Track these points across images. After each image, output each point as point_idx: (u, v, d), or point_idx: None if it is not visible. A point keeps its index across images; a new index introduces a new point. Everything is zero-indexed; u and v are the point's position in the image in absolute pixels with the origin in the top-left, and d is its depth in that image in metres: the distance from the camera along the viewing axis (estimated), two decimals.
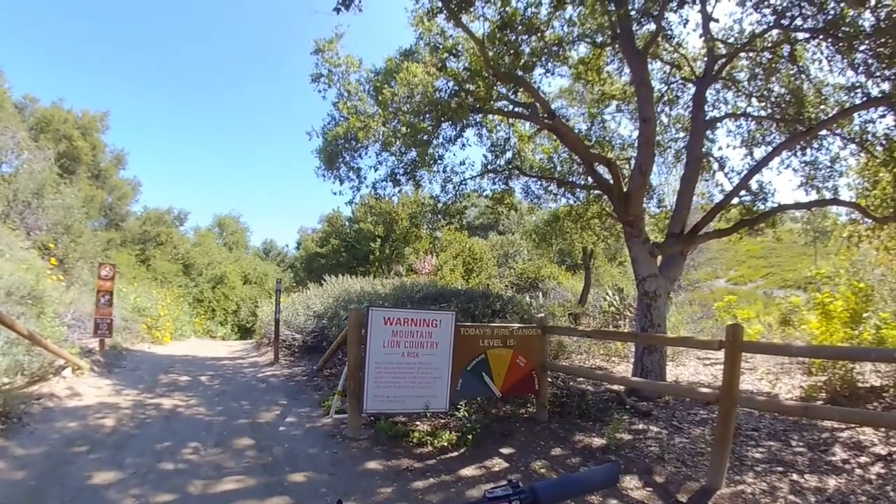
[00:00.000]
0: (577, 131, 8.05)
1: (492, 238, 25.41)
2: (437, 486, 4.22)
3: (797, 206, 7.87)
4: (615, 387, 6.76)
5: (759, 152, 8.33)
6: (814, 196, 7.98)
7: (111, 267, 8.95)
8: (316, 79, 8.54)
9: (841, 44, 6.54)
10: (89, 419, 5.30)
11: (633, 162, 8.32)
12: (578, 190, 9.75)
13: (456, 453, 4.91)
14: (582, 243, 14.20)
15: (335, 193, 9.62)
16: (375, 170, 9.20)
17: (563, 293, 16.54)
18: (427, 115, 7.57)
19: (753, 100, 8.19)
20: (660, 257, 7.11)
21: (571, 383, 7.09)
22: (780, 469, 4.16)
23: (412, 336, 5.23)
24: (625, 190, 7.09)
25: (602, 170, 7.80)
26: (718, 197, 8.66)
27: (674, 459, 4.55)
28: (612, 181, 7.19)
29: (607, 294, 12.41)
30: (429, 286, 11.63)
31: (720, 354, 8.38)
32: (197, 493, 3.84)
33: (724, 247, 26.09)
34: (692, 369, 7.89)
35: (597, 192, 9.15)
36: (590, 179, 8.29)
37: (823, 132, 7.60)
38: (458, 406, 5.69)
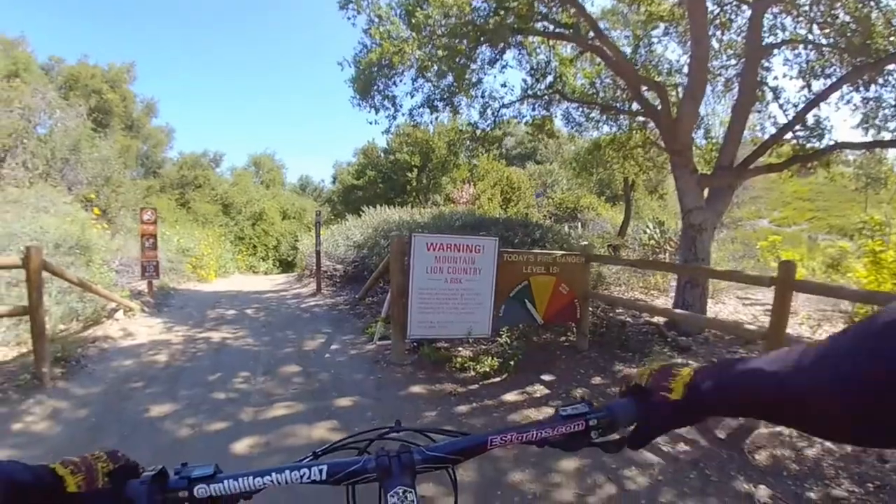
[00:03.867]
0: (613, 57, 7.39)
1: (529, 167, 24.63)
2: (480, 411, 4.25)
3: (856, 145, 7.12)
4: (655, 319, 6.61)
5: (818, 84, 7.55)
6: (873, 136, 7.25)
7: (153, 211, 9.05)
8: (344, 5, 8.02)
9: None
10: (143, 356, 5.49)
11: (680, 88, 7.77)
12: (622, 117, 9.21)
13: (498, 379, 4.92)
14: (623, 174, 13.57)
15: (371, 123, 9.36)
16: (412, 96, 8.87)
17: (602, 224, 16.17)
18: (464, 38, 7.11)
19: (815, 27, 7.26)
20: (706, 190, 6.69)
21: (610, 314, 6.95)
22: None
23: (455, 262, 5.13)
24: (673, 117, 6.62)
25: (649, 96, 7.29)
26: (770, 130, 8.01)
27: None
28: (660, 107, 6.74)
29: (647, 227, 11.96)
30: (467, 215, 11.47)
31: (760, 295, 8.28)
32: (248, 419, 3.94)
33: (769, 186, 24.80)
34: (731, 308, 7.60)
35: (642, 119, 8.68)
36: (636, 106, 7.77)
37: (892, 66, 6.74)
38: (501, 332, 5.69)
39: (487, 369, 5.02)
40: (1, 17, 33.04)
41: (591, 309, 6.09)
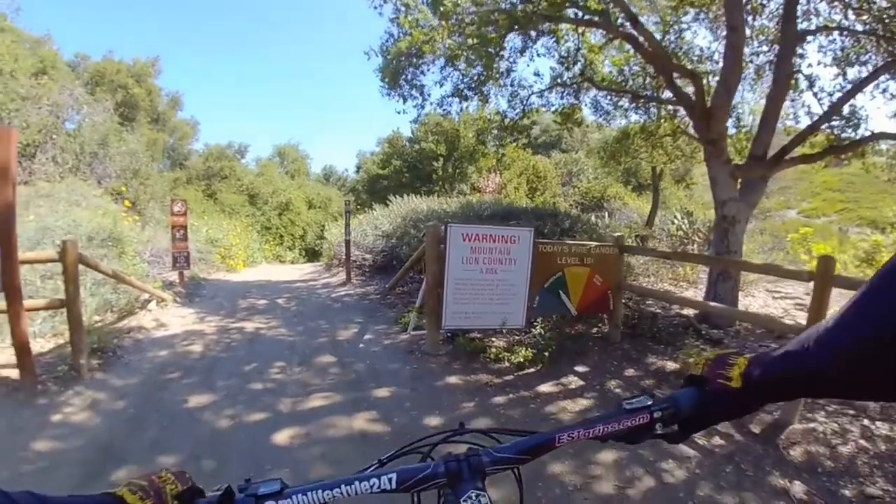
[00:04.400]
0: (645, 44, 7.12)
1: (555, 156, 24.29)
2: (517, 402, 4.16)
3: (894, 136, 6.76)
4: (686, 312, 6.47)
5: (853, 72, 7.25)
6: None
7: (182, 203, 9.09)
8: None
9: None
10: (178, 347, 5.49)
11: (711, 76, 7.58)
12: (652, 106, 8.98)
13: (532, 370, 4.86)
14: (651, 163, 13.42)
15: (399, 112, 9.36)
16: (441, 85, 8.79)
17: (629, 214, 15.90)
18: (493, 26, 6.97)
19: (850, 12, 6.93)
20: (739, 181, 6.43)
21: (640, 305, 6.76)
22: (850, 412, 3.82)
23: (491, 252, 5.05)
24: (707, 105, 6.35)
25: (681, 84, 7.04)
26: (804, 119, 7.76)
27: None
28: (693, 96, 6.50)
29: (675, 217, 11.64)
30: (495, 204, 11.36)
31: (790, 289, 8.00)
32: (287, 410, 3.88)
33: (798, 176, 23.95)
34: (761, 301, 7.35)
35: (671, 108, 8.46)
36: (667, 94, 7.51)
37: None
38: (535, 323, 5.62)
39: (522, 360, 4.96)
40: (27, 16, 33.54)
41: (623, 300, 5.97)
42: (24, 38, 15.41)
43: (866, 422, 3.65)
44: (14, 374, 4.12)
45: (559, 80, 8.55)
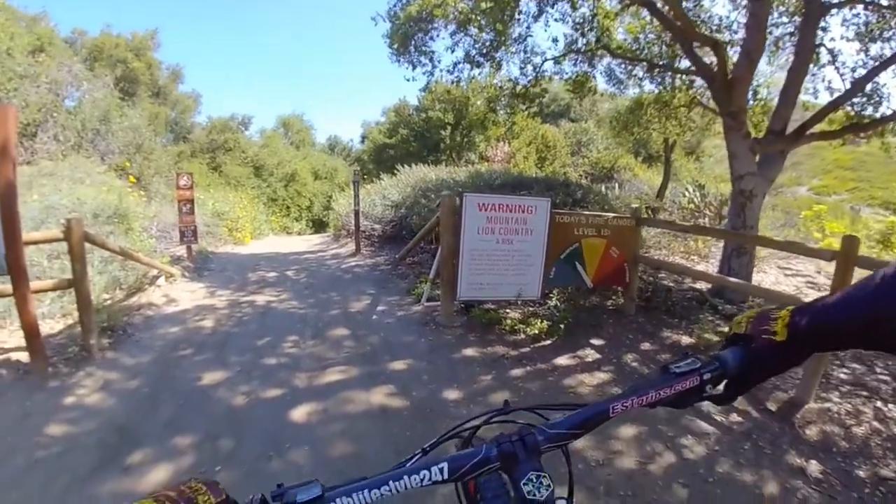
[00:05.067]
0: (664, 10, 6.76)
1: (564, 126, 23.79)
2: (535, 375, 4.09)
3: None
4: (699, 285, 6.34)
5: (875, 48, 7.04)
6: None
7: (188, 176, 8.90)
8: None
9: None
10: (189, 322, 5.41)
11: (730, 47, 7.36)
12: (667, 75, 8.72)
13: (549, 342, 4.76)
14: (664, 134, 13.13)
15: (408, 80, 9.24)
16: (452, 51, 8.62)
17: (639, 186, 15.61)
18: None
19: None
20: (756, 156, 6.19)
21: (652, 278, 6.59)
22: (864, 393, 3.75)
23: (507, 222, 4.92)
24: (728, 77, 6.08)
25: (699, 53, 6.74)
26: (823, 93, 7.58)
27: None
28: (714, 66, 6.23)
29: (687, 190, 11.37)
30: (505, 174, 11.19)
31: (801, 266, 7.79)
32: (303, 385, 3.80)
33: (811, 152, 23.56)
34: (773, 278, 7.13)
35: (687, 78, 8.25)
36: (684, 63, 7.35)
37: None
38: (550, 294, 5.52)
39: (537, 332, 4.88)
40: None
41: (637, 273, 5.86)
42: (18, 16, 15.10)
43: (879, 404, 3.60)
44: (24, 357, 4.04)
45: (573, 48, 8.30)
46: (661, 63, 8.24)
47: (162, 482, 2.64)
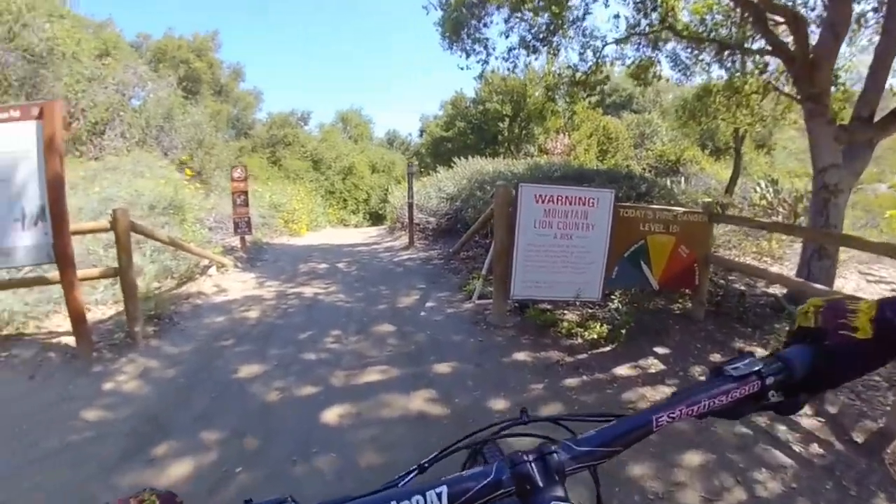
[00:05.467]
0: None
1: (626, 117, 22.89)
2: (591, 386, 3.67)
3: None
4: (773, 290, 5.67)
5: None
6: None
7: (242, 168, 8.96)
8: None
9: None
10: (235, 313, 5.33)
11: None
12: (738, 59, 8.11)
13: (608, 348, 4.30)
14: (734, 124, 12.09)
15: (461, 68, 9.01)
16: (506, 37, 8.32)
17: (706, 180, 14.51)
18: None
19: None
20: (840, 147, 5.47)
21: (723, 280, 5.97)
22: None
23: (566, 216, 4.47)
24: (810, 56, 5.39)
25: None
26: None
27: (846, 388, 3.53)
28: (792, 45, 5.59)
29: (759, 185, 10.38)
30: (566, 166, 10.78)
31: (884, 272, 6.98)
32: (339, 384, 3.59)
33: (892, 145, 21.27)
34: (854, 284, 6.31)
35: (761, 61, 7.59)
36: (758, 44, 6.65)
37: None
38: (612, 296, 5.01)
39: (596, 337, 4.43)
40: (88, 4, 34.78)
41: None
42: (85, 23, 16.11)
43: None
44: (72, 341, 4.08)
45: (636, 30, 7.75)
46: (733, 44, 7.56)
47: (182, 477, 2.55)
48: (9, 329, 4.33)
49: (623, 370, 3.92)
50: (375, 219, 22.29)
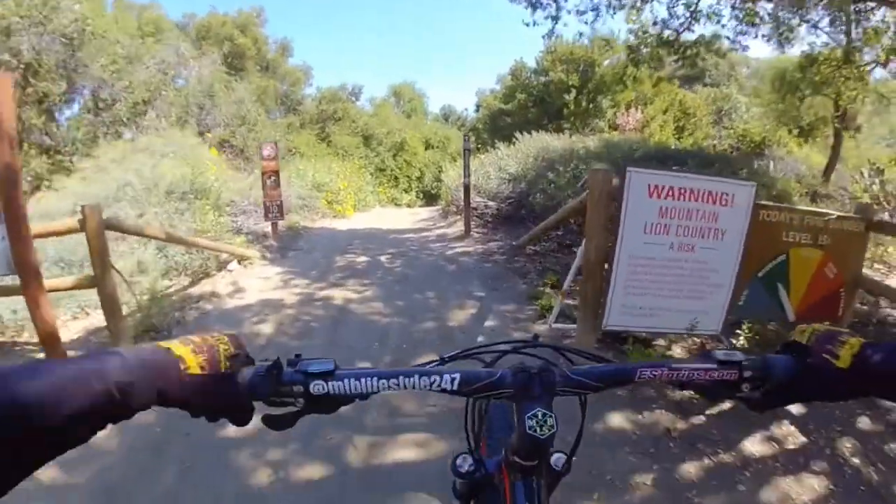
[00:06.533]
0: None
1: (701, 91, 20.66)
2: (717, 476, 2.38)
3: None
4: None
5: None
6: None
7: (272, 145, 7.91)
8: None
9: None
10: (245, 326, 4.35)
11: None
12: (859, 16, 7.00)
13: (729, 405, 2.87)
14: (841, 101, 10.08)
15: (528, 24, 8.12)
16: None
17: (795, 165, 12.22)
18: None
19: None
20: None
21: (865, 307, 4.33)
22: None
23: (690, 217, 3.07)
24: None
25: None
26: None
27: None
28: None
29: (861, 173, 8.34)
30: (644, 144, 9.56)
31: None
32: (359, 463, 2.49)
33: None
34: None
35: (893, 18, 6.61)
36: None
37: None
38: (738, 329, 3.63)
39: None
40: None
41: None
42: (126, 5, 16.72)
43: None
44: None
45: None
46: None
47: None
48: None
49: (755, 445, 2.60)
50: (429, 198, 21.14)
